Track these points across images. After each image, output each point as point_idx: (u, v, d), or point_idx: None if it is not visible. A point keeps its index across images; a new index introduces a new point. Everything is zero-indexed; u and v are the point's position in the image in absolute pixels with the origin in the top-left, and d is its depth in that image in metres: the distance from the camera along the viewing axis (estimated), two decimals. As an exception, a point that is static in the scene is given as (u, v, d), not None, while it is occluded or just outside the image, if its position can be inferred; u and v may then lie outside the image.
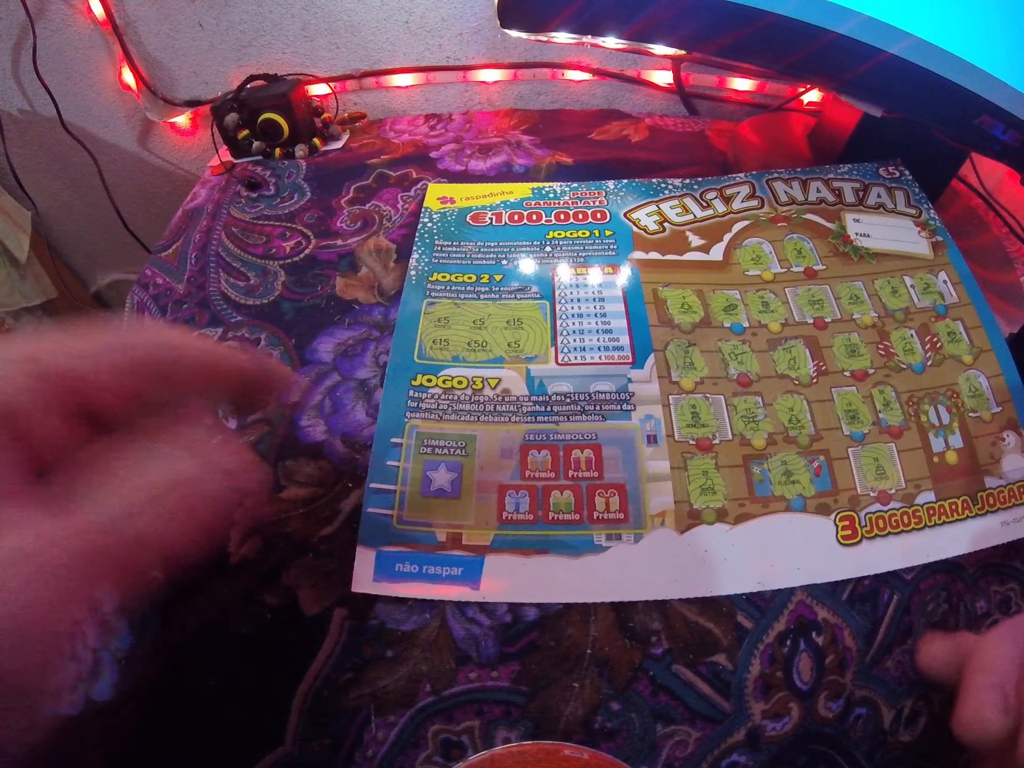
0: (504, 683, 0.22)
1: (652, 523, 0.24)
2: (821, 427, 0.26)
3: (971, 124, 0.29)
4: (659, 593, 0.23)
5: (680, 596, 0.23)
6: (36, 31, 0.52)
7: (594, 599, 0.23)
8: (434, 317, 0.30)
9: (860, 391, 0.27)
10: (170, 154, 0.62)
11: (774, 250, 0.32)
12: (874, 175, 0.36)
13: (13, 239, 0.61)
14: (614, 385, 0.28)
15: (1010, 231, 0.40)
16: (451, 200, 0.37)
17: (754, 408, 0.27)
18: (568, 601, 0.23)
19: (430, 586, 0.23)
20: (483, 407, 0.27)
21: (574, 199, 0.36)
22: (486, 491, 0.25)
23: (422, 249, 0.34)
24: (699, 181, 0.36)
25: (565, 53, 0.51)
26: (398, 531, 0.24)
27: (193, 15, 0.51)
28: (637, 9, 0.30)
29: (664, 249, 0.33)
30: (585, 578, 0.23)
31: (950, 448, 0.26)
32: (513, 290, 0.31)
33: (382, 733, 0.21)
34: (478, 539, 0.24)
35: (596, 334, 0.29)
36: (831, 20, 0.27)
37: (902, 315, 0.30)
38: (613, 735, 0.21)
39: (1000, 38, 0.27)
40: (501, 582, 0.23)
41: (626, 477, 0.25)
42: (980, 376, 0.28)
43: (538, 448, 0.26)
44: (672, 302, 0.30)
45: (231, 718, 0.21)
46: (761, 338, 0.29)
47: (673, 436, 0.26)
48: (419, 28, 0.50)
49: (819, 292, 0.30)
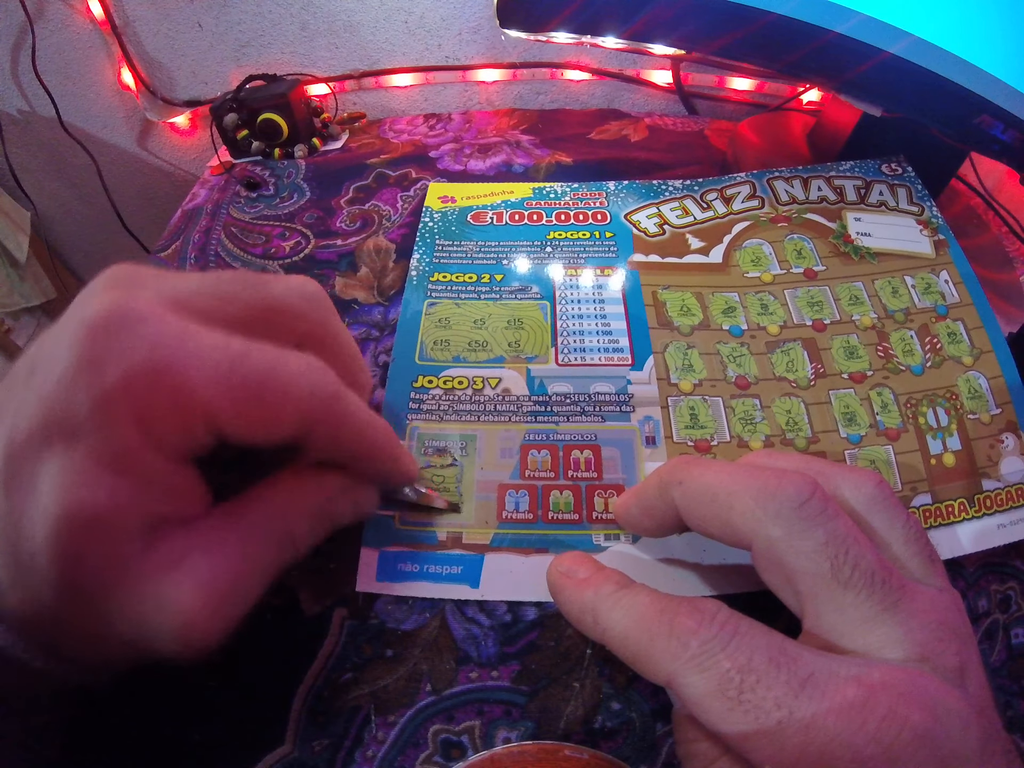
0: (504, 683, 0.22)
1: None
2: (819, 429, 0.26)
3: (971, 124, 0.29)
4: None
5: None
6: (35, 31, 0.52)
7: None
8: (435, 318, 0.30)
9: (858, 393, 0.27)
10: (169, 154, 0.62)
11: (774, 251, 0.32)
12: (876, 172, 0.35)
13: (12, 239, 0.61)
14: (614, 386, 0.28)
15: (1010, 230, 0.40)
16: (452, 200, 0.37)
17: (752, 410, 0.27)
18: None
19: (430, 585, 0.23)
20: (483, 407, 0.27)
21: (575, 199, 0.36)
22: (486, 490, 0.25)
23: (423, 249, 0.34)
24: (699, 182, 0.36)
25: (564, 53, 0.51)
26: (399, 531, 0.24)
27: (192, 15, 0.51)
28: (637, 9, 0.30)
29: (664, 251, 0.33)
30: None
31: (948, 450, 0.26)
32: (514, 290, 0.31)
33: (382, 733, 0.21)
34: (478, 538, 0.24)
35: (596, 335, 0.29)
36: (831, 20, 0.27)
37: (902, 316, 0.29)
38: (613, 735, 0.21)
39: (1000, 38, 0.27)
40: (500, 581, 0.23)
41: (625, 478, 0.25)
42: (980, 377, 0.28)
43: (538, 448, 0.26)
44: (671, 304, 0.30)
45: (231, 718, 0.21)
46: (760, 340, 0.29)
47: (672, 437, 0.26)
48: (418, 28, 0.50)
49: (818, 293, 0.30)
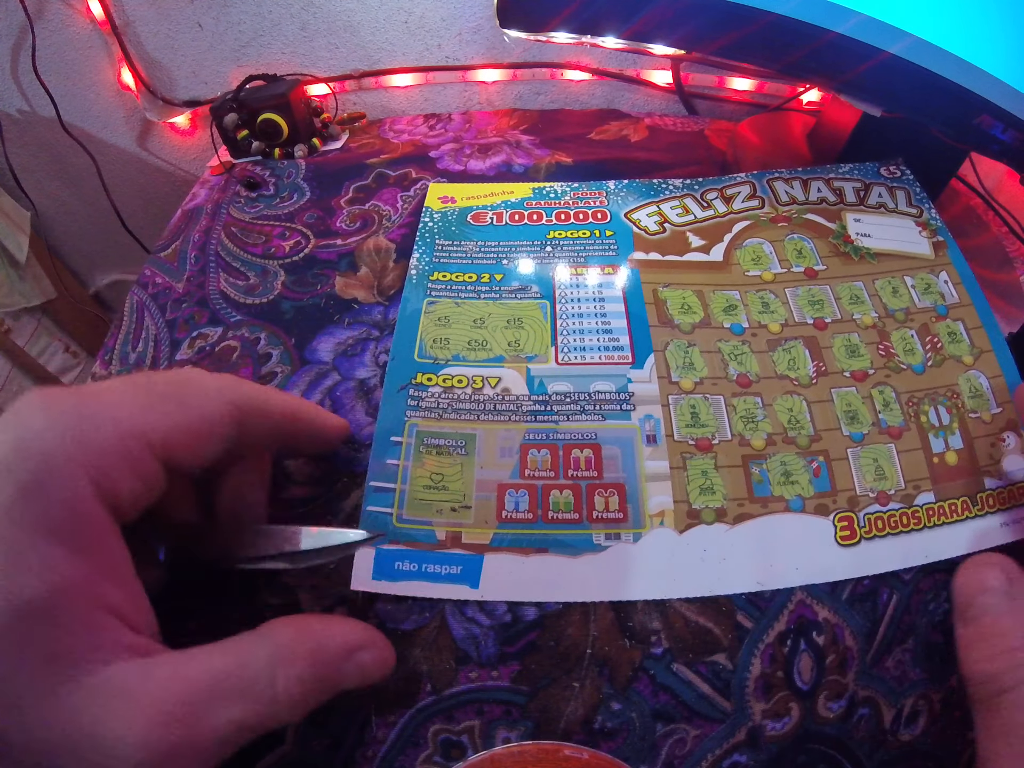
0: (504, 683, 0.22)
1: (651, 523, 0.24)
2: (820, 428, 0.26)
3: (971, 124, 0.29)
4: (658, 592, 0.23)
5: (679, 596, 0.23)
6: (35, 31, 0.52)
7: (593, 598, 0.23)
8: (434, 316, 0.30)
9: (860, 392, 0.27)
10: (169, 154, 0.62)
11: (774, 250, 0.32)
12: (875, 175, 0.35)
13: (12, 240, 0.61)
14: (614, 385, 0.28)
15: (1010, 231, 0.40)
16: (452, 200, 0.37)
17: (753, 408, 0.27)
18: (567, 600, 0.23)
19: (429, 585, 0.23)
20: (483, 406, 0.27)
21: (575, 199, 0.36)
22: (486, 490, 0.25)
23: (423, 248, 0.34)
24: (700, 181, 0.36)
25: (564, 53, 0.51)
26: (397, 529, 0.24)
27: (192, 15, 0.51)
28: (636, 9, 0.30)
29: (664, 250, 0.33)
30: (584, 577, 0.23)
31: (950, 449, 0.26)
32: (514, 289, 0.31)
33: (382, 733, 0.21)
34: (477, 538, 0.24)
35: (596, 334, 0.29)
36: (831, 20, 0.27)
37: (903, 315, 0.29)
38: (613, 735, 0.21)
39: (1000, 38, 0.27)
40: (500, 581, 0.23)
41: (625, 477, 0.25)
42: (980, 377, 0.28)
43: (538, 447, 0.26)
44: (672, 302, 0.30)
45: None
46: (761, 339, 0.29)
47: (672, 436, 0.26)
48: (418, 28, 0.50)
49: (819, 292, 0.30)
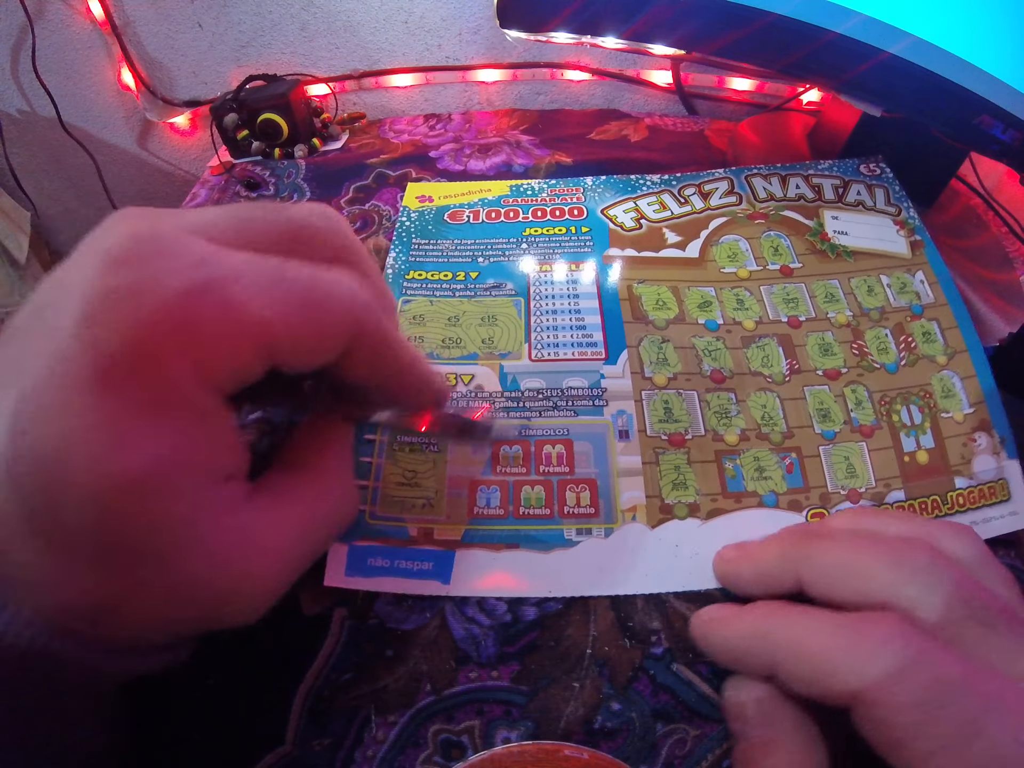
0: (504, 683, 0.22)
1: (623, 517, 0.24)
2: (793, 425, 0.26)
3: (971, 124, 0.29)
4: (630, 588, 0.23)
5: (651, 591, 0.23)
6: (35, 31, 0.52)
7: (564, 593, 0.23)
8: (409, 315, 0.30)
9: (832, 390, 0.27)
10: (169, 154, 0.62)
11: (751, 247, 0.32)
12: (855, 172, 0.35)
13: (12, 240, 0.61)
14: (587, 381, 0.27)
15: (1009, 231, 0.40)
16: (430, 199, 0.36)
17: (727, 404, 0.27)
18: (537, 596, 0.23)
19: (401, 581, 0.23)
20: (456, 403, 0.27)
21: (552, 196, 0.36)
22: (458, 486, 0.25)
23: (399, 248, 0.33)
24: (678, 177, 0.36)
25: (564, 53, 0.51)
26: (370, 526, 0.24)
27: (192, 15, 0.51)
28: (637, 9, 0.30)
29: (640, 246, 0.32)
30: (555, 572, 0.23)
31: (921, 448, 0.26)
32: (488, 287, 0.31)
33: (382, 733, 0.21)
34: (449, 534, 0.24)
35: (570, 330, 0.29)
36: (831, 20, 0.27)
37: (877, 314, 0.29)
38: (613, 735, 0.21)
39: (1000, 38, 0.27)
40: (471, 576, 0.23)
41: (597, 472, 0.25)
42: (954, 377, 0.28)
43: (509, 443, 0.26)
44: (647, 298, 0.30)
45: (231, 718, 0.21)
46: (735, 335, 0.29)
47: (645, 431, 0.26)
48: (418, 28, 0.50)
49: (794, 290, 0.30)
